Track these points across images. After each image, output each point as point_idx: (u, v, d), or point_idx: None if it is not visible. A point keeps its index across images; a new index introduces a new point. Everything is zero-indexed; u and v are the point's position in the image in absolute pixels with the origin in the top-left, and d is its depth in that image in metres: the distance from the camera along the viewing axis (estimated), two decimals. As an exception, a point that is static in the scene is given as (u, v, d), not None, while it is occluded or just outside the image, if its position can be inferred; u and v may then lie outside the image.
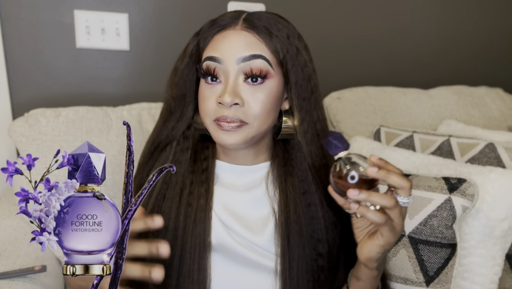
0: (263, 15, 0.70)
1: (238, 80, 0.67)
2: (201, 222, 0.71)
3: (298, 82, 0.70)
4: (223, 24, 0.69)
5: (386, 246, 0.62)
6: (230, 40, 0.67)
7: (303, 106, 0.71)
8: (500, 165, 1.01)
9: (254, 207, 0.74)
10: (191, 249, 0.70)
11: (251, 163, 0.76)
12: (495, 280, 0.89)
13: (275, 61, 0.68)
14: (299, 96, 0.70)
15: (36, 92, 1.22)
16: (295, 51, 0.69)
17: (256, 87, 0.67)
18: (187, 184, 0.73)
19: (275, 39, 0.68)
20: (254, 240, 0.72)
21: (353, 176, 0.60)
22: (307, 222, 0.73)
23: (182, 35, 1.30)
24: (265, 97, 0.67)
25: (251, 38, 0.67)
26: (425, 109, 1.40)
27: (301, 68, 0.70)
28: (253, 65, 0.66)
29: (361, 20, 1.49)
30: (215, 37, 0.69)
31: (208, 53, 0.68)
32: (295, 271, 0.71)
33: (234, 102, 0.66)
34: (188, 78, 0.73)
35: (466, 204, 0.84)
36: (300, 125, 0.72)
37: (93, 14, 1.21)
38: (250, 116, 0.67)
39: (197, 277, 0.69)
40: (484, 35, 1.67)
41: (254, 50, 0.66)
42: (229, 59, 0.66)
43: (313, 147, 0.72)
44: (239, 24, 0.68)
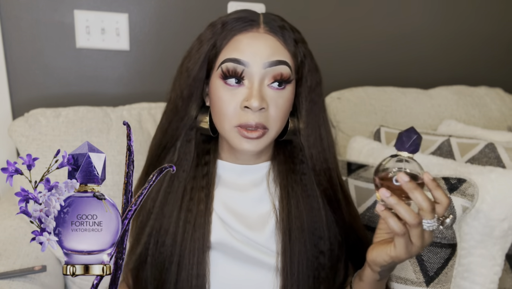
0: (277, 18, 0.70)
1: (263, 85, 0.67)
2: (200, 227, 0.71)
3: (312, 86, 0.71)
4: (244, 24, 0.68)
5: (395, 259, 0.61)
6: (255, 43, 0.67)
7: (312, 110, 0.71)
8: (500, 165, 1.01)
9: (255, 206, 0.75)
10: (189, 254, 0.70)
11: (252, 162, 0.77)
12: (495, 280, 0.89)
13: (294, 66, 0.69)
14: (311, 100, 0.71)
15: (36, 92, 1.22)
16: (310, 55, 0.71)
17: (278, 92, 0.68)
18: (188, 189, 0.74)
19: (294, 44, 0.69)
20: (254, 238, 0.72)
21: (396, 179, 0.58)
22: (308, 218, 0.73)
23: (182, 35, 1.30)
24: (284, 102, 0.68)
25: (275, 43, 0.67)
26: (425, 109, 1.40)
27: (315, 71, 0.71)
28: (279, 70, 0.67)
29: (361, 20, 1.49)
30: (236, 37, 0.68)
31: (231, 55, 0.67)
32: (296, 267, 0.71)
33: (261, 107, 0.65)
34: (198, 77, 0.71)
35: (466, 204, 0.84)
36: (305, 128, 0.72)
37: (93, 14, 1.21)
38: (271, 121, 0.68)
39: (196, 282, 0.70)
40: (484, 35, 1.67)
41: (279, 56, 0.67)
42: (255, 63, 0.66)
43: (314, 151, 0.73)
44: (261, 27, 0.68)
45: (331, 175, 0.74)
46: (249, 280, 0.72)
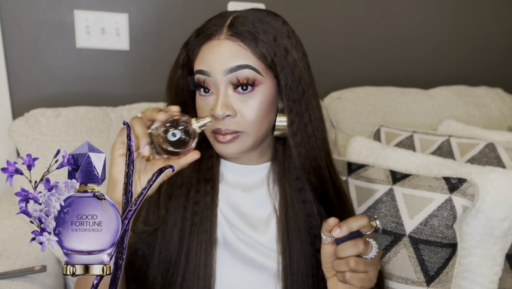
0: (249, 17, 0.68)
1: (227, 92, 0.67)
2: (207, 219, 0.72)
3: (287, 84, 0.68)
4: (208, 33, 0.68)
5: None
6: (215, 51, 0.66)
7: (293, 109, 0.70)
8: (500, 165, 1.01)
9: (257, 206, 0.75)
10: (197, 246, 0.71)
11: (255, 162, 0.77)
12: (495, 280, 0.89)
13: (263, 66, 0.67)
14: (289, 98, 0.69)
15: (36, 92, 1.22)
16: (283, 53, 0.68)
17: (247, 95, 0.67)
18: (193, 182, 0.74)
19: (261, 44, 0.66)
20: (258, 239, 0.73)
21: (173, 134, 0.60)
22: (303, 218, 0.73)
23: (182, 35, 1.29)
24: (258, 104, 0.67)
25: (235, 47, 0.66)
26: (425, 109, 1.40)
27: (290, 69, 0.68)
28: (240, 75, 0.65)
29: (361, 21, 1.49)
30: (202, 48, 0.68)
31: (198, 66, 0.68)
32: (296, 267, 0.71)
33: (226, 114, 0.66)
34: (185, 87, 0.73)
35: (466, 204, 0.84)
36: (290, 126, 0.71)
37: (93, 14, 1.21)
38: (244, 125, 0.67)
39: (203, 273, 0.70)
40: (484, 35, 1.67)
41: (239, 60, 0.65)
42: (216, 71, 0.66)
43: (302, 149, 0.71)
44: (224, 33, 0.67)
45: (322, 173, 0.74)
46: (251, 283, 0.72)
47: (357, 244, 0.60)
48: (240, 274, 0.72)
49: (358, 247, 0.60)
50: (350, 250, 0.60)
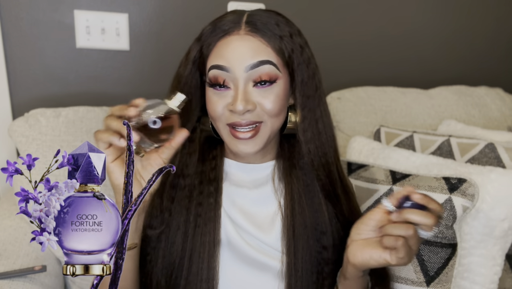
0: (264, 14, 0.69)
1: (247, 87, 0.67)
2: (210, 220, 0.72)
3: (303, 80, 0.70)
4: (226, 28, 0.68)
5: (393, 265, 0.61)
6: (235, 46, 0.66)
7: (306, 104, 0.71)
8: (500, 165, 1.01)
9: (262, 205, 0.75)
10: (200, 248, 0.70)
11: (259, 161, 0.77)
12: (495, 280, 0.89)
13: (281, 62, 0.68)
14: (304, 94, 0.70)
15: (36, 92, 1.22)
16: (300, 49, 0.69)
17: (266, 89, 0.67)
18: (197, 184, 0.74)
19: (279, 40, 0.67)
20: (263, 238, 0.73)
21: (154, 121, 0.60)
22: (311, 214, 0.73)
23: (182, 35, 1.30)
24: (276, 97, 0.68)
25: (256, 43, 0.66)
26: (425, 109, 1.40)
27: (306, 65, 0.70)
28: (262, 71, 0.66)
29: (361, 20, 1.49)
30: (219, 43, 0.68)
31: (214, 61, 0.67)
32: (300, 263, 0.71)
33: (247, 110, 0.66)
34: (193, 84, 0.72)
35: (466, 204, 0.84)
36: (301, 123, 0.71)
37: (93, 14, 1.21)
38: (263, 115, 0.68)
39: (206, 275, 0.70)
40: (484, 35, 1.66)
41: (261, 56, 0.66)
42: (237, 67, 0.66)
43: (311, 146, 0.72)
44: (242, 28, 0.67)
45: (330, 170, 0.74)
46: (255, 284, 0.72)
47: (427, 215, 0.59)
48: (243, 274, 0.72)
49: (427, 218, 0.58)
50: (418, 217, 0.59)
